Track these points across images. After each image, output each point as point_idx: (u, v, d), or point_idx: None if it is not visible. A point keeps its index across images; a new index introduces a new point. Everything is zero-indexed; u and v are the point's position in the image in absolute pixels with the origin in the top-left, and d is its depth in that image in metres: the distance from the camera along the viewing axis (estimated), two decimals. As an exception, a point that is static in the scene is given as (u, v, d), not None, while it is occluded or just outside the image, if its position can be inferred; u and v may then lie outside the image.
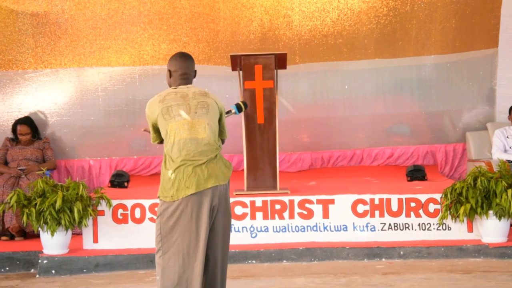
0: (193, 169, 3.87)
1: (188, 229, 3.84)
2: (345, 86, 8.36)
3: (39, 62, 8.12)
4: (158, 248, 3.90)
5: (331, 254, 6.23)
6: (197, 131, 3.91)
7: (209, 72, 8.24)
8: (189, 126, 3.91)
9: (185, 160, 3.87)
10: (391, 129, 8.45)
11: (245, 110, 4.61)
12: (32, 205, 6.07)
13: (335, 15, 8.32)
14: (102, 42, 8.15)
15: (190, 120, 3.92)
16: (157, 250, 3.91)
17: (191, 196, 3.85)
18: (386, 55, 8.34)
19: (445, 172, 8.29)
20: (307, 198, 6.42)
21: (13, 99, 8.10)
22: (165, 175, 3.91)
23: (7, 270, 6.31)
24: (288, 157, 8.36)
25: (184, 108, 3.93)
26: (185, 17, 8.23)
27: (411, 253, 6.22)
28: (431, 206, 6.40)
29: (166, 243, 3.84)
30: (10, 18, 8.04)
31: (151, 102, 3.99)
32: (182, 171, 3.86)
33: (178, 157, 3.88)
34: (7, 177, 7.17)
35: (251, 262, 6.20)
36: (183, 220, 3.84)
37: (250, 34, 8.28)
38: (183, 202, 3.85)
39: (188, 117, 3.91)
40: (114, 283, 5.72)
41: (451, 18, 8.26)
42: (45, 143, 7.69)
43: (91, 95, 8.15)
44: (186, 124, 3.91)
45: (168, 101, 3.94)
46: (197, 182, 3.86)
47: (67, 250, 6.23)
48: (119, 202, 6.36)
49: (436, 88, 8.35)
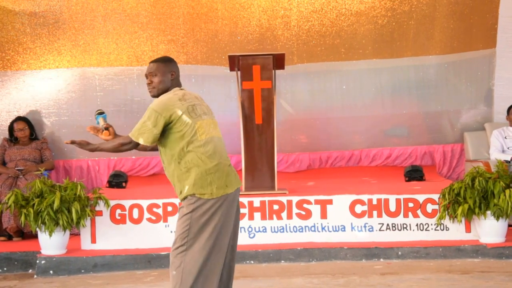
0: (228, 168, 3.95)
1: (219, 227, 3.86)
2: (343, 87, 8.36)
3: (37, 62, 8.11)
4: (182, 243, 3.83)
5: (329, 255, 6.23)
6: (219, 131, 4.03)
7: (207, 72, 8.24)
8: (214, 126, 4.00)
9: (221, 158, 3.94)
10: (389, 129, 8.45)
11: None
12: (30, 206, 6.06)
13: (333, 15, 8.32)
14: (101, 42, 8.15)
15: (211, 120, 3.99)
16: (178, 245, 3.83)
17: (228, 195, 3.90)
18: (384, 56, 8.34)
19: (443, 172, 8.30)
20: (305, 198, 6.42)
21: (12, 99, 8.10)
22: (191, 173, 3.90)
23: (5, 270, 6.30)
24: (286, 157, 8.36)
25: (204, 108, 3.99)
26: (183, 17, 8.24)
27: (409, 254, 6.22)
28: (429, 207, 6.40)
29: (192, 239, 3.83)
30: (9, 18, 8.03)
31: (169, 100, 3.91)
32: (221, 169, 3.91)
33: (215, 155, 3.91)
34: (5, 178, 7.16)
35: (249, 263, 6.20)
36: (216, 218, 3.86)
37: (248, 35, 8.28)
38: (220, 200, 3.87)
39: (213, 117, 4.03)
40: (112, 284, 5.72)
41: (449, 19, 8.26)
42: (43, 143, 7.68)
43: (89, 95, 8.15)
44: (212, 123, 3.98)
45: (190, 100, 3.95)
46: (234, 181, 3.95)
47: (65, 251, 6.23)
48: (117, 202, 6.36)
49: (434, 89, 8.35)
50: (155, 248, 6.18)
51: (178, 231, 3.86)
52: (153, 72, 4.04)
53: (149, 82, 4.07)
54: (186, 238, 3.84)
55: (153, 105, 3.93)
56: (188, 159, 3.87)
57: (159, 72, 4.03)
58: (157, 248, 6.19)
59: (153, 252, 6.16)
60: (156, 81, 4.04)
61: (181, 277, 3.81)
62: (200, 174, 3.86)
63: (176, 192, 3.96)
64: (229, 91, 8.04)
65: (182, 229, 3.84)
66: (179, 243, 3.83)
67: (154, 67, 4.05)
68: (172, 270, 3.84)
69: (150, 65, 4.08)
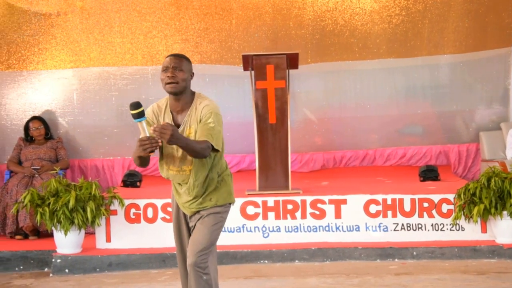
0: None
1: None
2: (357, 86, 8.35)
3: (53, 62, 8.16)
4: (211, 249, 3.83)
5: (344, 254, 6.21)
6: None
7: (221, 72, 8.25)
8: None
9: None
10: (403, 129, 8.42)
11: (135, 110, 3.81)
12: (45, 205, 6.10)
13: (347, 14, 8.30)
14: (116, 42, 8.19)
15: None
16: (208, 251, 3.80)
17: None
18: (398, 55, 8.32)
19: (458, 172, 8.26)
20: (319, 198, 6.41)
21: (27, 99, 8.16)
22: (227, 181, 3.94)
23: (21, 269, 6.34)
24: (300, 157, 8.35)
25: None
26: (197, 17, 8.26)
27: (424, 254, 6.19)
28: (444, 207, 6.37)
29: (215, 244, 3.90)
30: (24, 18, 8.09)
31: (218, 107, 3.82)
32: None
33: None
34: (21, 177, 7.21)
35: (263, 262, 6.20)
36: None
37: (262, 34, 8.28)
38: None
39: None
40: (127, 283, 5.74)
41: (464, 17, 8.22)
42: (58, 142, 7.72)
43: (104, 95, 8.19)
44: None
45: None
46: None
47: (80, 249, 6.26)
48: (131, 201, 6.38)
49: (449, 88, 8.32)
50: (169, 247, 6.19)
51: (211, 235, 3.81)
52: (179, 66, 3.77)
53: (172, 75, 3.75)
54: (215, 244, 3.88)
55: (213, 109, 3.75)
56: (222, 167, 3.90)
57: (184, 68, 3.80)
58: (171, 248, 6.19)
59: (168, 251, 6.17)
60: (181, 77, 3.76)
61: (215, 280, 3.83)
62: (231, 182, 3.95)
63: (199, 197, 3.84)
64: (243, 91, 8.04)
65: (217, 234, 3.86)
66: (209, 248, 3.80)
67: (180, 62, 3.79)
68: (200, 272, 3.76)
69: (174, 58, 3.79)
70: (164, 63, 3.82)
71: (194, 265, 3.75)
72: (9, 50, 8.09)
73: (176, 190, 3.97)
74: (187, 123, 3.80)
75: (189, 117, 3.81)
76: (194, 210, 3.88)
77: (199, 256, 3.75)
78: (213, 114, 3.73)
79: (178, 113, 3.85)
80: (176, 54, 3.87)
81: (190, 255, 3.79)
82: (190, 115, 3.81)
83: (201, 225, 3.84)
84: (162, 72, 3.81)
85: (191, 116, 3.80)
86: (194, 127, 3.78)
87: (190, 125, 3.80)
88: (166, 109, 3.88)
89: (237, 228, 6.36)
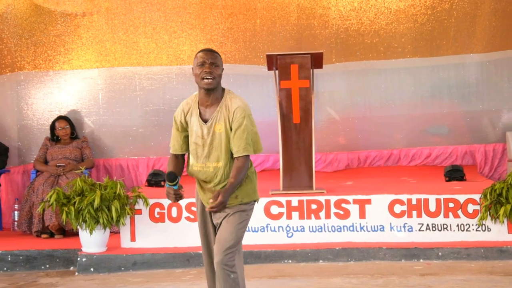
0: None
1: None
2: (382, 86, 8.30)
3: (78, 62, 8.23)
4: (237, 247, 3.83)
5: (368, 255, 6.19)
6: None
7: (245, 72, 8.26)
8: None
9: None
10: (429, 129, 8.36)
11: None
12: (71, 204, 6.15)
13: (371, 14, 8.26)
14: (141, 42, 8.23)
15: None
16: (235, 249, 3.80)
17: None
18: (423, 54, 8.26)
19: (484, 172, 8.18)
20: (343, 198, 6.39)
21: (53, 98, 8.24)
22: (252, 178, 3.95)
23: (47, 267, 6.40)
24: (324, 157, 8.33)
25: None
26: (221, 17, 8.27)
27: (449, 254, 6.14)
28: (470, 207, 6.31)
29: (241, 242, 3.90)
30: (51, 19, 8.17)
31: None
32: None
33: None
34: (47, 176, 7.28)
35: (287, 262, 6.20)
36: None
37: (286, 34, 8.28)
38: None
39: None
40: (151, 282, 5.77)
41: (491, 16, 8.14)
42: (84, 142, 7.79)
43: (129, 95, 8.24)
44: None
45: None
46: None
47: (105, 248, 6.30)
48: (156, 201, 6.41)
49: (475, 87, 8.24)
50: (193, 247, 6.21)
51: (237, 233, 3.82)
52: (216, 62, 3.77)
53: (209, 70, 3.74)
54: (241, 240, 3.87)
55: (246, 111, 3.79)
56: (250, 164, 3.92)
57: (220, 64, 3.81)
58: (195, 247, 6.22)
59: (192, 250, 6.19)
60: (217, 73, 3.77)
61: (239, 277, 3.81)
62: (256, 180, 3.96)
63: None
64: (267, 91, 8.04)
65: (242, 232, 3.86)
66: (235, 247, 3.80)
67: (215, 58, 3.78)
68: (227, 271, 3.76)
69: (210, 54, 3.79)
70: (198, 58, 3.79)
71: (222, 263, 3.75)
72: (36, 51, 8.17)
73: (200, 187, 3.98)
74: (216, 118, 3.82)
75: (218, 113, 3.82)
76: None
77: (226, 254, 3.75)
78: (246, 117, 3.78)
79: (206, 107, 3.86)
80: (210, 49, 3.86)
81: (217, 253, 3.79)
82: (219, 111, 3.82)
83: (227, 223, 3.83)
84: (198, 67, 3.78)
85: (220, 113, 3.81)
86: (223, 124, 3.80)
87: (218, 121, 3.81)
88: (194, 104, 3.89)
89: (261, 228, 6.36)
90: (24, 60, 8.16)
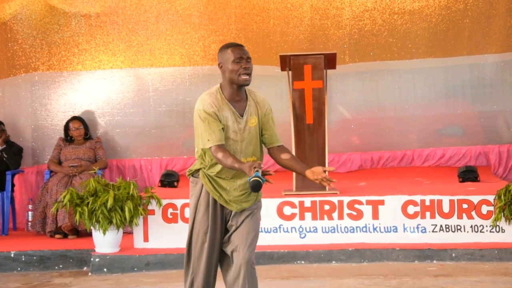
0: None
1: None
2: (396, 86, 8.27)
3: (92, 63, 8.27)
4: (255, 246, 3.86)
5: (381, 256, 6.16)
6: None
7: (258, 72, 8.15)
8: None
9: None
10: (443, 129, 8.32)
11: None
12: (84, 204, 6.17)
13: (385, 14, 8.24)
14: (154, 43, 8.26)
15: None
16: (255, 246, 3.83)
17: None
18: (438, 55, 8.22)
19: (498, 173, 8.12)
20: (356, 198, 6.37)
21: (67, 99, 8.27)
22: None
23: (61, 267, 6.43)
24: (338, 157, 8.30)
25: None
26: (234, 17, 8.28)
27: (463, 256, 6.11)
28: (484, 208, 6.27)
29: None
30: (65, 20, 8.21)
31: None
32: None
33: None
34: (60, 176, 7.31)
35: (300, 263, 6.19)
36: None
37: (300, 34, 8.26)
38: None
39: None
40: (164, 282, 5.78)
41: (506, 16, 8.09)
42: (97, 142, 7.82)
43: (142, 96, 8.26)
44: None
45: None
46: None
47: (118, 249, 6.32)
48: (169, 201, 6.42)
49: (489, 88, 8.19)
50: (206, 247, 6.21)
51: (258, 230, 3.86)
52: (250, 58, 3.80)
53: (247, 66, 3.75)
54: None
55: (270, 106, 3.91)
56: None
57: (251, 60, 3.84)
58: (208, 247, 6.22)
59: (205, 251, 6.19)
60: (252, 69, 3.80)
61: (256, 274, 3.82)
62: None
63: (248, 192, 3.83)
64: (280, 91, 8.03)
65: (257, 233, 3.87)
66: (257, 241, 3.84)
67: (248, 53, 3.80)
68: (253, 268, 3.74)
69: (244, 49, 3.79)
70: (234, 54, 3.75)
71: (249, 261, 3.73)
72: (50, 51, 8.22)
73: (221, 187, 3.83)
74: (248, 112, 3.85)
75: (249, 107, 3.86)
76: (245, 206, 3.83)
77: (251, 251, 3.75)
78: (271, 112, 3.94)
79: (236, 102, 3.85)
80: (241, 45, 3.85)
81: (241, 251, 3.73)
82: (249, 105, 3.87)
83: (250, 221, 3.82)
84: (234, 63, 3.75)
85: (251, 106, 3.86)
86: (256, 118, 3.85)
87: (251, 114, 3.85)
88: (222, 99, 3.83)
89: (273, 229, 6.36)
90: (38, 61, 8.21)
